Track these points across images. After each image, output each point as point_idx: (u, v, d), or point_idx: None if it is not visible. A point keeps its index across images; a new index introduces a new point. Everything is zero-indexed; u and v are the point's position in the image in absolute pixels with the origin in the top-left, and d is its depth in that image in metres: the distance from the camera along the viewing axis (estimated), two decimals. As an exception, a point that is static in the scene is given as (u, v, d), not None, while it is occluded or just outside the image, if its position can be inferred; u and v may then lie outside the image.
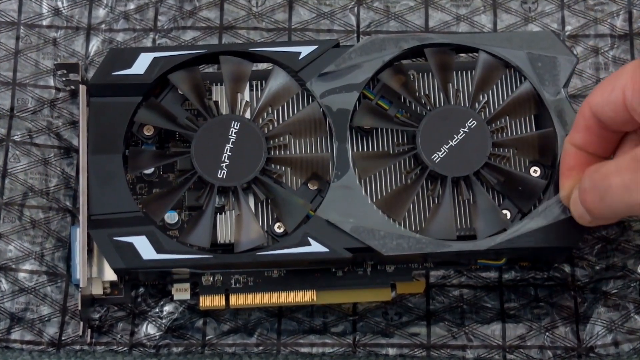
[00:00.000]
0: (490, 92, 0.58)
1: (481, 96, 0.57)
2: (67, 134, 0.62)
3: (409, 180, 0.57)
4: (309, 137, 0.57)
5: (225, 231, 0.56)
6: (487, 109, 0.58)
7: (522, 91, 0.57)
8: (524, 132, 0.58)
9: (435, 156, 0.55)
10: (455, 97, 0.57)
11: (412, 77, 0.59)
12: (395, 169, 0.57)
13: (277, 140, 0.57)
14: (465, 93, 0.58)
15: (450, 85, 0.57)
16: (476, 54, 0.58)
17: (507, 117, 0.57)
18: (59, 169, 0.62)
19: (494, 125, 0.57)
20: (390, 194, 0.56)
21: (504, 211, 0.56)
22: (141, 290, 0.60)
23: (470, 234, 0.56)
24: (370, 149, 0.57)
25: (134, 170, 0.57)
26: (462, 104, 0.57)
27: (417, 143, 0.55)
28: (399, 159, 0.57)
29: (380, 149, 0.57)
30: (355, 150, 0.57)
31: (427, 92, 0.58)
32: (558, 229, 0.55)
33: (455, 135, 0.56)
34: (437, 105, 0.57)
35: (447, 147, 0.55)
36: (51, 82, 0.63)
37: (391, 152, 0.57)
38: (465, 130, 0.56)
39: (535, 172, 0.57)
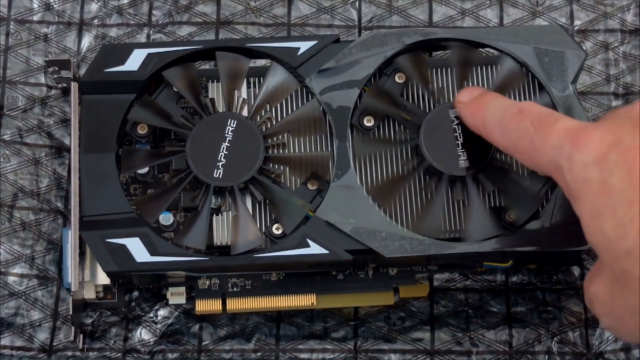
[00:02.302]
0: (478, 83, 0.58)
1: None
2: (58, 133, 0.62)
3: (405, 171, 0.56)
4: (308, 135, 0.57)
5: (221, 233, 0.56)
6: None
7: (505, 71, 0.57)
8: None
9: (436, 153, 0.55)
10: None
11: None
12: (397, 168, 0.57)
13: (275, 138, 0.57)
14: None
15: (466, 81, 0.57)
16: (494, 51, 0.58)
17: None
18: (50, 169, 0.62)
19: None
20: (420, 215, 0.56)
21: (510, 212, 0.56)
22: (135, 294, 0.60)
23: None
24: (373, 162, 0.57)
25: (127, 170, 0.57)
26: None
27: (420, 136, 0.55)
28: (399, 147, 0.56)
29: (387, 170, 0.57)
30: (357, 163, 0.57)
31: (440, 86, 0.58)
32: (567, 231, 0.55)
33: (459, 133, 0.55)
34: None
35: (451, 144, 0.55)
36: (42, 80, 0.63)
37: (401, 172, 0.57)
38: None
39: (542, 171, 0.57)
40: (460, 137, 0.55)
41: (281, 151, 0.57)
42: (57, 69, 0.60)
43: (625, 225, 0.44)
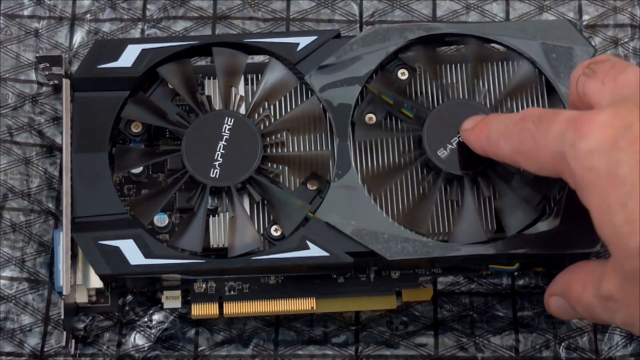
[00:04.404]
0: (489, 80, 0.58)
1: (480, 86, 0.58)
2: (49, 131, 0.62)
3: (422, 189, 0.56)
4: (307, 133, 0.57)
5: (218, 234, 0.56)
6: (488, 99, 0.58)
7: (522, 74, 0.57)
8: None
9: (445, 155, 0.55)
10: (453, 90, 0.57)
11: (418, 70, 0.59)
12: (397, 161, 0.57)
13: (273, 137, 0.57)
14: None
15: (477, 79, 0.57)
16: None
17: (513, 103, 0.57)
18: (41, 168, 0.62)
19: (499, 112, 0.57)
20: (411, 208, 0.56)
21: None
22: (129, 298, 0.60)
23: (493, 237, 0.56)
24: (375, 156, 0.57)
25: (121, 170, 0.57)
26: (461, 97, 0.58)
27: (425, 146, 0.55)
28: (410, 168, 0.56)
29: (386, 159, 0.57)
30: (357, 151, 0.57)
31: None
32: (575, 232, 0.55)
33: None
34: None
35: (456, 144, 0.55)
36: (33, 76, 0.63)
37: (399, 162, 0.57)
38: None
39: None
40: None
41: (280, 150, 0.57)
42: (48, 65, 0.60)
43: (636, 222, 0.43)
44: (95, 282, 0.56)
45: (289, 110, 0.58)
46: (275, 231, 0.56)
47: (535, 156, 0.48)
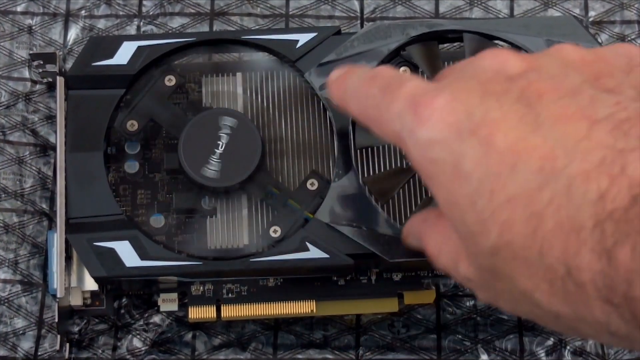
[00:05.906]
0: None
1: None
2: (43, 130, 0.62)
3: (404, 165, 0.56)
4: (307, 132, 0.57)
5: (216, 236, 0.56)
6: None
7: None
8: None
9: None
10: None
11: (420, 67, 0.58)
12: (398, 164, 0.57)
13: (274, 136, 0.57)
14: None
15: None
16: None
17: None
18: (34, 168, 0.61)
19: None
20: (382, 173, 0.56)
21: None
22: (124, 300, 0.60)
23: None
24: (376, 156, 0.57)
25: None
26: None
27: None
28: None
29: (387, 159, 0.57)
30: (358, 153, 0.56)
31: None
32: None
33: None
34: None
35: None
36: (26, 74, 0.63)
37: (401, 163, 0.57)
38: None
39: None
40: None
41: (280, 149, 0.57)
42: (42, 62, 0.60)
43: (487, 221, 0.39)
44: (90, 284, 0.56)
45: (292, 111, 0.58)
46: (274, 232, 0.56)
47: (380, 127, 0.45)
